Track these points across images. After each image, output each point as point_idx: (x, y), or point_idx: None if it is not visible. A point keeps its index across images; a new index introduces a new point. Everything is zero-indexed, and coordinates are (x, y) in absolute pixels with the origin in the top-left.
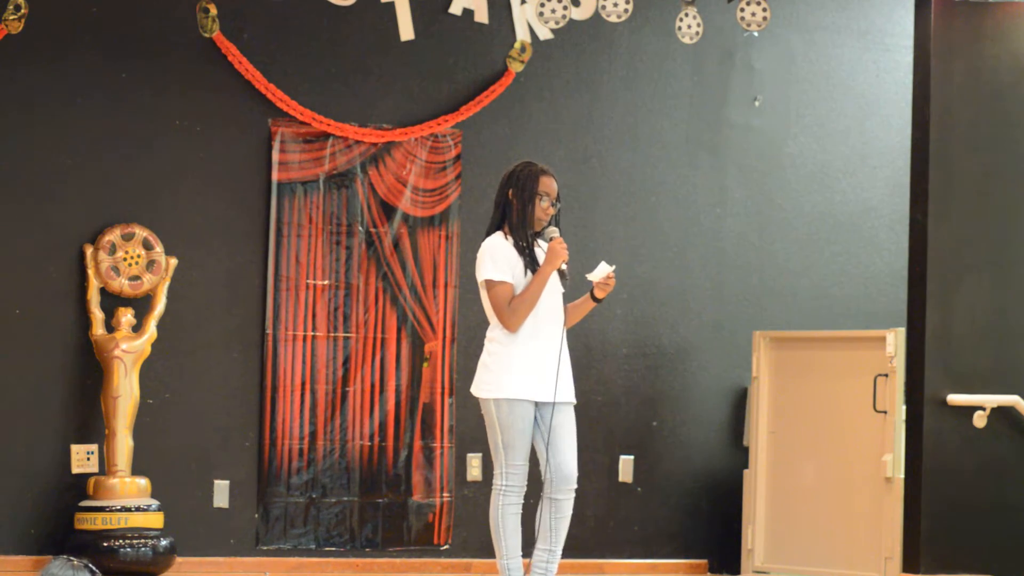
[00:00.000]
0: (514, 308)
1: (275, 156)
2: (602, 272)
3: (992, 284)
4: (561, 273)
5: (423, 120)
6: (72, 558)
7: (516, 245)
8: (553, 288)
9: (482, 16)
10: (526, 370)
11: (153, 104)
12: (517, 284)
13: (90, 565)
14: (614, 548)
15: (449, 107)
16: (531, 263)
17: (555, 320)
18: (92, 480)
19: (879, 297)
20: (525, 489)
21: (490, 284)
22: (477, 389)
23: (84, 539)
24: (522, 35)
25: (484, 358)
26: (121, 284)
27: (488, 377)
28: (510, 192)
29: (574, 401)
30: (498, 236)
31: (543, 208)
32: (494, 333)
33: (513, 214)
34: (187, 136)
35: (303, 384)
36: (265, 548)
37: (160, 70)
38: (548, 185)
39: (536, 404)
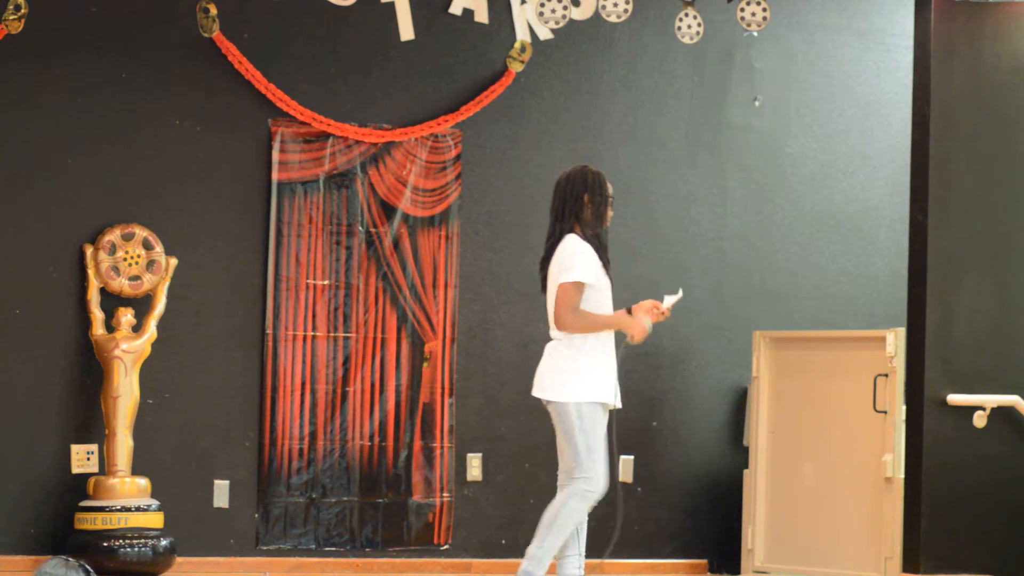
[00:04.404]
0: (581, 317)
1: (275, 156)
2: (672, 300)
3: (992, 284)
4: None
5: (423, 120)
6: (68, 558)
7: (594, 247)
8: (608, 297)
9: (482, 16)
10: (603, 375)
11: (153, 104)
12: (597, 284)
13: (85, 565)
14: (614, 548)
15: (449, 107)
16: (605, 263)
17: None
18: (92, 480)
19: (879, 297)
20: None
21: (571, 286)
22: (554, 393)
23: (84, 539)
24: (522, 35)
25: (556, 361)
26: (121, 284)
27: (569, 380)
28: (586, 196)
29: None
30: (578, 239)
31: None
32: (572, 339)
33: (589, 216)
34: (187, 136)
35: (303, 384)
36: (265, 548)
37: (160, 70)
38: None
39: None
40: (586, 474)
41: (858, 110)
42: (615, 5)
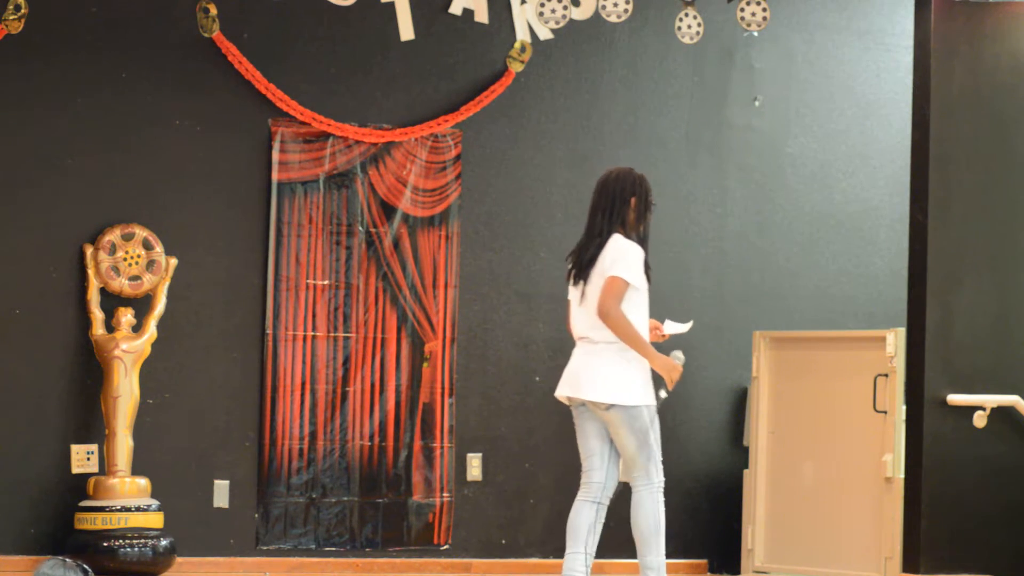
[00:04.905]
0: (625, 319)
1: (275, 156)
2: (677, 328)
3: (992, 284)
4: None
5: (423, 120)
6: (66, 559)
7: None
8: (647, 299)
9: (482, 16)
10: (649, 378)
11: (153, 104)
12: (641, 287)
13: (83, 565)
14: (614, 548)
15: (449, 107)
16: (647, 267)
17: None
18: (92, 480)
19: (879, 297)
20: None
21: (623, 281)
22: (623, 397)
23: (84, 539)
24: (522, 35)
25: (616, 366)
26: (121, 284)
27: (633, 383)
28: (633, 200)
29: None
30: (625, 239)
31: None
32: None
33: (633, 217)
34: (187, 136)
35: (303, 384)
36: (265, 548)
37: (160, 70)
38: None
39: None
40: (658, 467)
41: (858, 110)
42: (615, 5)
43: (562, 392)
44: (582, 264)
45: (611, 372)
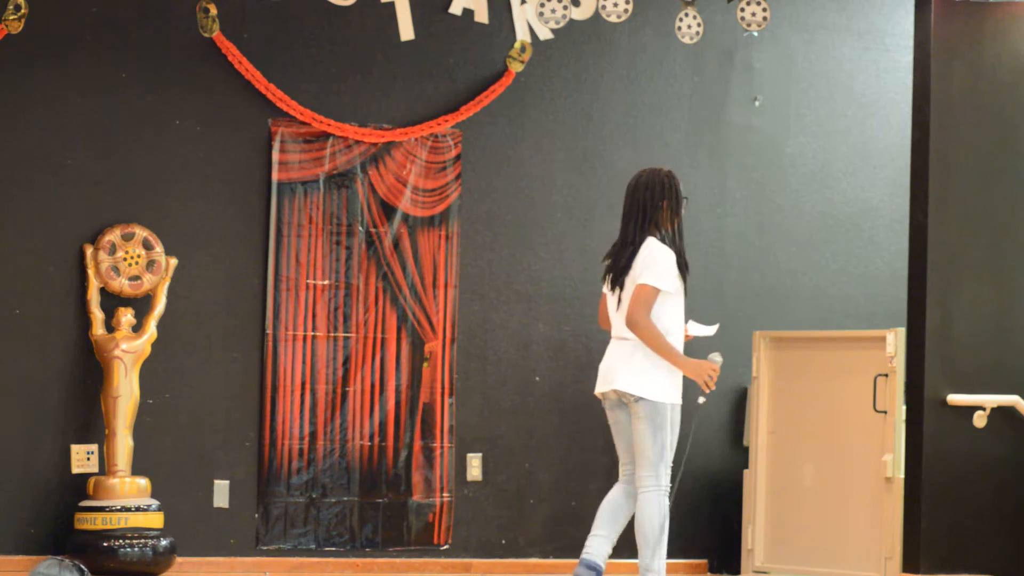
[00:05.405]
0: (653, 328)
1: (275, 156)
2: (701, 330)
3: (992, 283)
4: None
5: (423, 120)
6: (62, 558)
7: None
8: (682, 302)
9: (482, 16)
10: (680, 379)
11: (153, 104)
12: (674, 291)
13: (79, 564)
14: (614, 548)
15: (449, 107)
16: (683, 266)
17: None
18: (92, 480)
19: (879, 297)
20: None
21: (652, 289)
22: (653, 393)
23: (84, 539)
24: (522, 35)
25: (648, 361)
26: (121, 284)
27: (664, 381)
28: (664, 203)
29: None
30: (660, 243)
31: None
32: None
33: (665, 221)
34: (187, 136)
35: (303, 384)
36: (265, 548)
37: (160, 70)
38: None
39: None
40: (667, 469)
41: (858, 110)
42: (615, 5)
43: (598, 388)
44: (617, 272)
45: (644, 368)
